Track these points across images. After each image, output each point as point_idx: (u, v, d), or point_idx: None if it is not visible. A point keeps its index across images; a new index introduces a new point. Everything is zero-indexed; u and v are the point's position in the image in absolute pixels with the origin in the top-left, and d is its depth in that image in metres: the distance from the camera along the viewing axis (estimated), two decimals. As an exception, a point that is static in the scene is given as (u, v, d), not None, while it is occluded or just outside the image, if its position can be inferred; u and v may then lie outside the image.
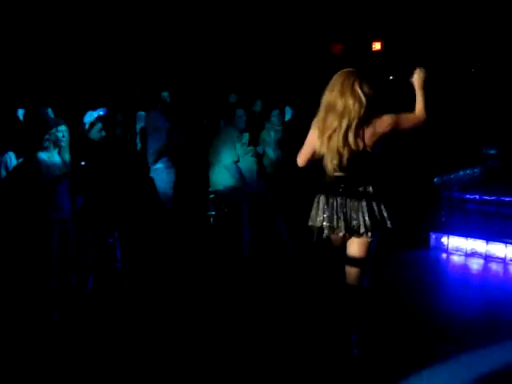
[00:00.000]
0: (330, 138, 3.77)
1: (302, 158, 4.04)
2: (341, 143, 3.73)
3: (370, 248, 3.94)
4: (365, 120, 3.72)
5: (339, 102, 3.75)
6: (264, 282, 5.69)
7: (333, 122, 3.75)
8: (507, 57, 8.38)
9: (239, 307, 5.05)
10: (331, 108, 3.78)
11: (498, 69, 8.57)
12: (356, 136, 3.72)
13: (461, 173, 7.22)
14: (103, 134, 5.64)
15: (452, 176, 7.05)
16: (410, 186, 7.10)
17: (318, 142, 3.84)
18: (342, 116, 3.73)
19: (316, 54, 9.76)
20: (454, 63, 8.59)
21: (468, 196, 7.02)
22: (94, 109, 6.10)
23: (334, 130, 3.75)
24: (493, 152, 8.24)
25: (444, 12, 8.43)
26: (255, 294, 5.38)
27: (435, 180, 6.87)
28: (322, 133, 3.82)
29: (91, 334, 4.56)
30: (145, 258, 6.18)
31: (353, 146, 3.72)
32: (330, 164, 3.82)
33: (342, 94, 3.76)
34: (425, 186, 6.96)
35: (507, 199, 6.68)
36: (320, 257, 5.79)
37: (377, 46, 10.00)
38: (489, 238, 6.51)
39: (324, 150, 3.82)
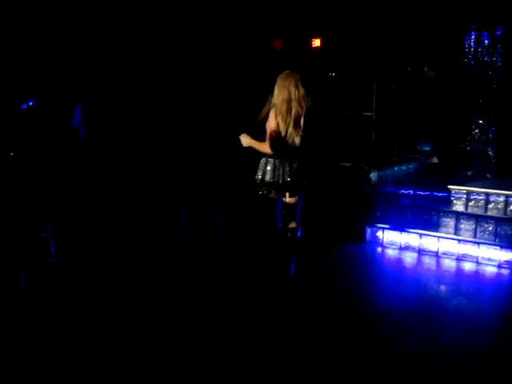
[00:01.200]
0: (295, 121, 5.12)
1: (272, 145, 5.13)
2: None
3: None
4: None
5: (295, 94, 5.10)
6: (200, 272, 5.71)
7: (294, 109, 5.10)
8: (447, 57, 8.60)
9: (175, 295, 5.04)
10: (291, 100, 5.10)
11: (435, 68, 8.80)
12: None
13: (396, 168, 7.41)
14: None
15: (387, 171, 7.22)
16: (347, 180, 7.21)
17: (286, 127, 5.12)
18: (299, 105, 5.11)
19: (256, 50, 9.75)
20: (392, 61, 8.75)
21: (402, 191, 7.21)
22: (27, 99, 5.92)
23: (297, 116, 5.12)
24: (427, 149, 8.49)
25: (383, 8, 8.57)
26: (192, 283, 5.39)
27: (371, 175, 7.01)
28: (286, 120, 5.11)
29: (23, 329, 4.44)
30: (80, 252, 6.06)
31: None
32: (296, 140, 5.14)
33: (296, 87, 5.12)
34: (361, 180, 7.09)
35: (440, 194, 6.89)
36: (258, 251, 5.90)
37: (316, 42, 10.05)
38: (422, 232, 6.71)
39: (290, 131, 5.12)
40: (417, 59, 8.75)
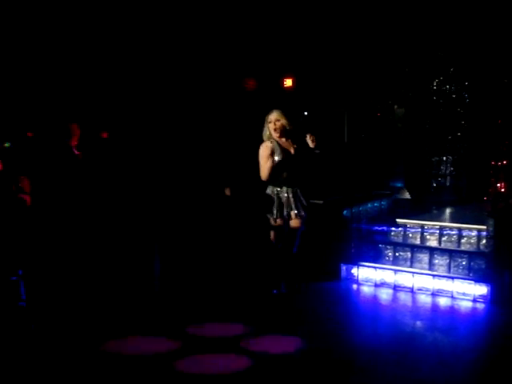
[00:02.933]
0: None
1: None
2: None
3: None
4: None
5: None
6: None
7: None
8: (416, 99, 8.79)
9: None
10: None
11: (405, 106, 8.97)
12: None
13: (369, 205, 7.46)
14: None
15: (360, 208, 7.27)
16: (320, 218, 7.23)
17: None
18: None
19: (229, 90, 9.86)
20: (362, 100, 8.92)
21: (376, 228, 7.26)
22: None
23: None
24: (399, 185, 8.58)
25: (353, 48, 8.77)
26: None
27: (344, 212, 7.04)
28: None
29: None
30: (51, 296, 5.94)
31: None
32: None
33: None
34: (334, 218, 7.11)
35: (413, 230, 6.95)
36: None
37: (288, 82, 10.21)
38: (397, 268, 6.72)
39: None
40: (387, 97, 8.94)
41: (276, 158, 5.86)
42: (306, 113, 10.02)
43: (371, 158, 8.19)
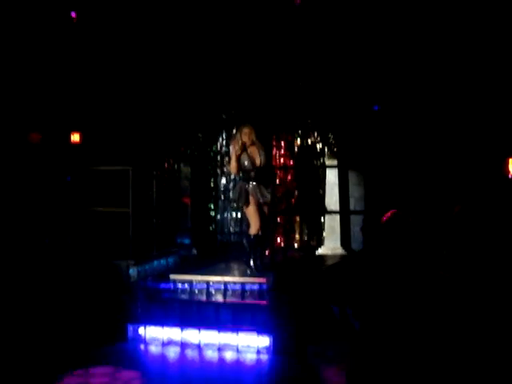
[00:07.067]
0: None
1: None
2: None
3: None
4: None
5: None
6: None
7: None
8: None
9: None
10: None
11: (191, 165, 9.21)
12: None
13: (155, 263, 7.46)
14: None
15: (147, 266, 7.24)
16: (105, 278, 7.07)
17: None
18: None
19: (13, 143, 9.40)
20: (149, 158, 9.01)
21: (163, 285, 7.26)
22: None
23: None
24: (187, 242, 8.75)
25: (137, 108, 8.89)
26: None
27: (130, 271, 6.97)
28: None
29: None
30: None
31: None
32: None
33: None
34: (120, 277, 7.00)
35: (199, 286, 7.07)
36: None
37: (75, 137, 10.00)
38: (183, 325, 6.75)
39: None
40: (173, 157, 9.16)
41: None
42: (93, 168, 9.83)
43: (158, 215, 8.24)
